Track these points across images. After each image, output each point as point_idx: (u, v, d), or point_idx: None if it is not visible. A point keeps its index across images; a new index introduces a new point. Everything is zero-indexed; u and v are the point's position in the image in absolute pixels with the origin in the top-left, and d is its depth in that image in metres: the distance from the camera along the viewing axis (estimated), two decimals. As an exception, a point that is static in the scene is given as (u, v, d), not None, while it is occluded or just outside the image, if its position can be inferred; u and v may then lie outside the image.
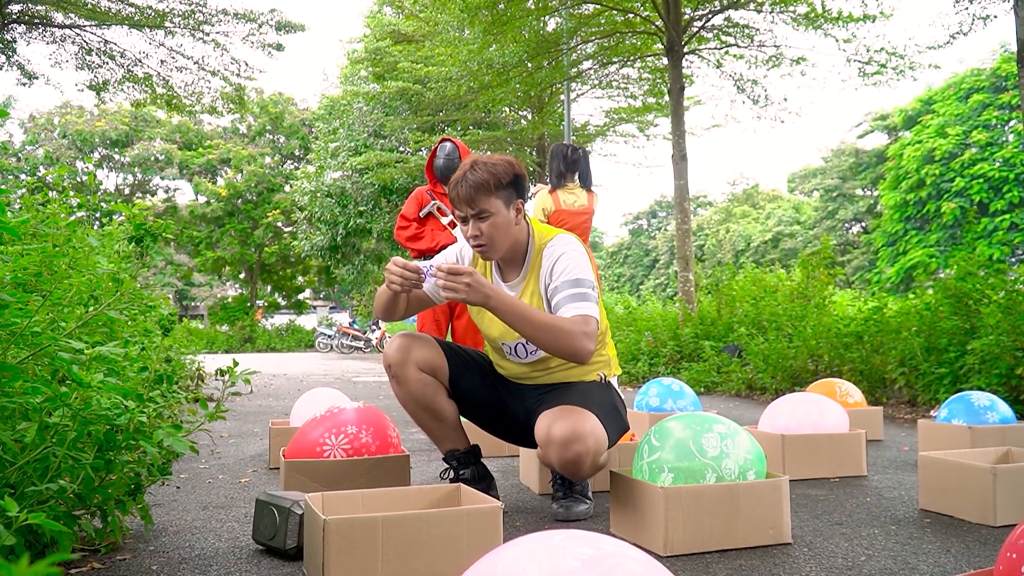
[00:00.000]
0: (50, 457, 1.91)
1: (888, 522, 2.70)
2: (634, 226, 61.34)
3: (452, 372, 2.81)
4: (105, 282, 2.77)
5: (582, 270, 2.60)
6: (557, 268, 2.62)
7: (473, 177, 2.57)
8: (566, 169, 5.52)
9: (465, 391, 2.84)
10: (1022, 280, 5.89)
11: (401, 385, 2.77)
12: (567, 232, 2.77)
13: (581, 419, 2.45)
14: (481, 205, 2.58)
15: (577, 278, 2.58)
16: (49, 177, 20.17)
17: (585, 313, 2.52)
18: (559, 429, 2.43)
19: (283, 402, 7.58)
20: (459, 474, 2.87)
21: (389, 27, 21.31)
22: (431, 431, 2.87)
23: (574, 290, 2.56)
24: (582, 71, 15.46)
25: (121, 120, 31.63)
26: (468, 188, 2.56)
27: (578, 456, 2.43)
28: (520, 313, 2.46)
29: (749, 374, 8.14)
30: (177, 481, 3.51)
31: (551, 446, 2.45)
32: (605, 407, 2.63)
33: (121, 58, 16.03)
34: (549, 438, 2.45)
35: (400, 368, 2.75)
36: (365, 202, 22.05)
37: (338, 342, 25.22)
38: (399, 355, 2.75)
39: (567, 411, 2.49)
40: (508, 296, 2.48)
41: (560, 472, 2.58)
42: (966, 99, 29.84)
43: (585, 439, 2.42)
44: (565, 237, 2.71)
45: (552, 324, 2.47)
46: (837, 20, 11.44)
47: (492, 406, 2.89)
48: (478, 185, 2.56)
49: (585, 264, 2.63)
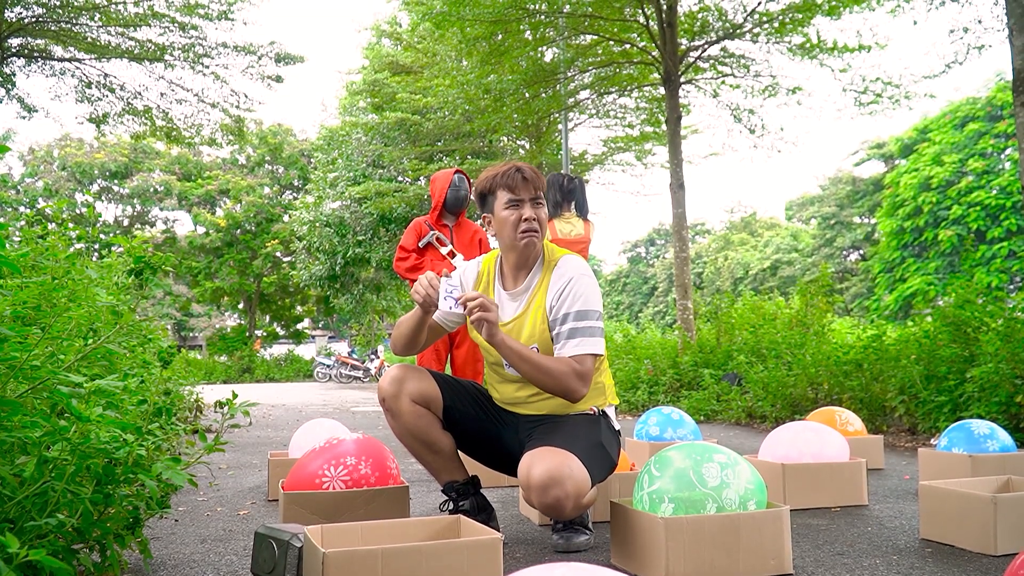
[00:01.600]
0: (49, 491, 1.90)
1: (889, 552, 2.69)
2: (632, 254, 61.46)
3: (446, 403, 2.81)
4: (104, 314, 2.77)
5: (591, 300, 2.64)
6: (567, 294, 2.64)
7: (530, 171, 2.70)
8: (562, 198, 5.55)
9: (459, 422, 2.84)
10: (1020, 308, 5.89)
11: (395, 418, 2.77)
12: (575, 254, 2.79)
13: (561, 462, 2.43)
14: (540, 193, 2.73)
15: (585, 309, 2.61)
16: (48, 209, 20.22)
17: (585, 352, 2.57)
18: (538, 473, 2.42)
19: (282, 433, 7.56)
20: (458, 505, 2.85)
21: (387, 58, 21.45)
22: (428, 463, 2.86)
23: (580, 324, 2.59)
24: (579, 101, 15.56)
25: (120, 152, 31.73)
26: (533, 172, 2.70)
27: (557, 500, 2.43)
28: (518, 351, 2.56)
29: (749, 402, 8.12)
30: (176, 514, 3.49)
31: (531, 490, 2.45)
32: (590, 446, 2.61)
33: (121, 91, 16.14)
34: (529, 482, 2.45)
35: (393, 401, 2.75)
36: (364, 232, 22.09)
37: (337, 372, 25.17)
38: (392, 387, 2.76)
39: (548, 453, 2.47)
40: (509, 338, 2.58)
41: (544, 514, 2.59)
42: (962, 127, 29.99)
43: (563, 483, 2.41)
44: (574, 260, 2.75)
45: (547, 367, 2.55)
46: (832, 50, 11.53)
47: (486, 438, 2.88)
48: (538, 177, 2.71)
49: (594, 293, 2.67)
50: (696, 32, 11.95)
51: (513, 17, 11.82)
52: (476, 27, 11.83)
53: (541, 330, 2.69)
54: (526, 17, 12.08)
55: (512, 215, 2.69)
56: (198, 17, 14.92)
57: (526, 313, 2.73)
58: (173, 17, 14.77)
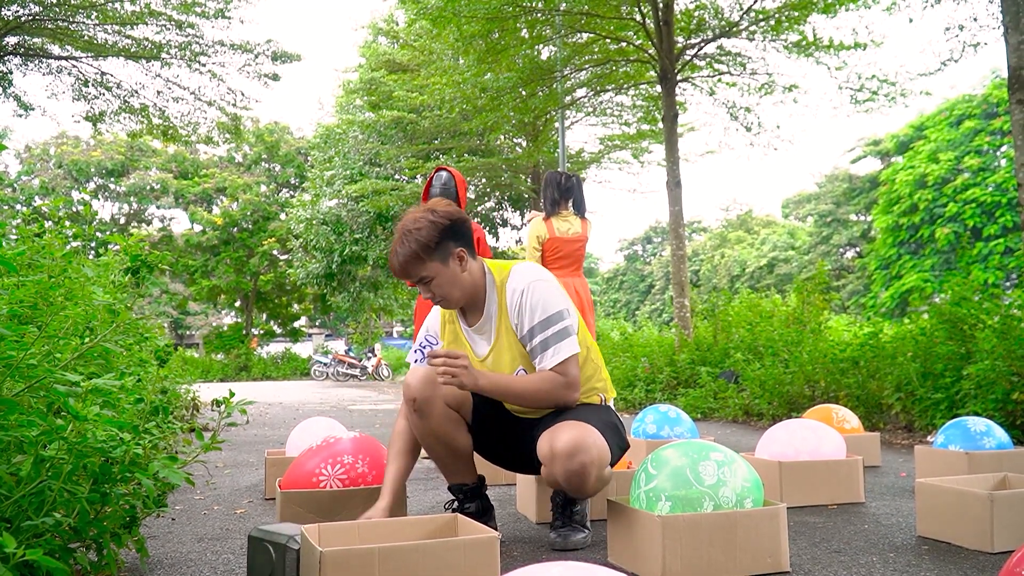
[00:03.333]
0: (46, 490, 1.90)
1: (886, 549, 2.70)
2: (629, 252, 61.47)
3: (475, 404, 2.80)
4: (101, 313, 2.77)
5: (549, 304, 2.62)
6: (523, 309, 2.63)
7: (402, 251, 2.59)
8: (560, 197, 5.55)
9: (483, 423, 2.83)
10: (1017, 304, 5.90)
11: (424, 419, 2.71)
12: (521, 262, 2.76)
13: (583, 431, 2.49)
14: (419, 274, 2.61)
15: (545, 317, 2.60)
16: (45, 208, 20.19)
17: (562, 359, 2.59)
18: (562, 442, 2.47)
19: (279, 431, 7.56)
20: (464, 507, 2.86)
21: (384, 57, 21.43)
22: (444, 464, 2.85)
23: (547, 332, 2.60)
24: (576, 99, 15.56)
25: (117, 150, 31.65)
26: (400, 264, 2.60)
27: (583, 467, 2.46)
28: (505, 388, 2.59)
29: (746, 400, 8.13)
30: (172, 513, 3.49)
31: (556, 460, 2.48)
32: (606, 424, 2.66)
33: (117, 89, 16.12)
34: (553, 452, 2.48)
35: (426, 404, 2.69)
36: (360, 230, 22.08)
37: (334, 370, 25.15)
38: (427, 390, 2.69)
39: (568, 426, 2.53)
40: (494, 376, 2.60)
41: (565, 488, 2.59)
42: (958, 125, 30.02)
43: (589, 450, 2.46)
44: (520, 271, 2.69)
45: (534, 390, 2.60)
46: (828, 48, 11.54)
47: (506, 440, 2.88)
48: (408, 259, 2.59)
49: (551, 295, 2.64)
50: (692, 30, 11.96)
51: (510, 15, 11.82)
52: (472, 25, 11.82)
53: (520, 351, 2.68)
54: (523, 15, 12.08)
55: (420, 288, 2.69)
56: (195, 15, 14.90)
57: (500, 340, 2.71)
58: (170, 15, 14.75)
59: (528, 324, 2.62)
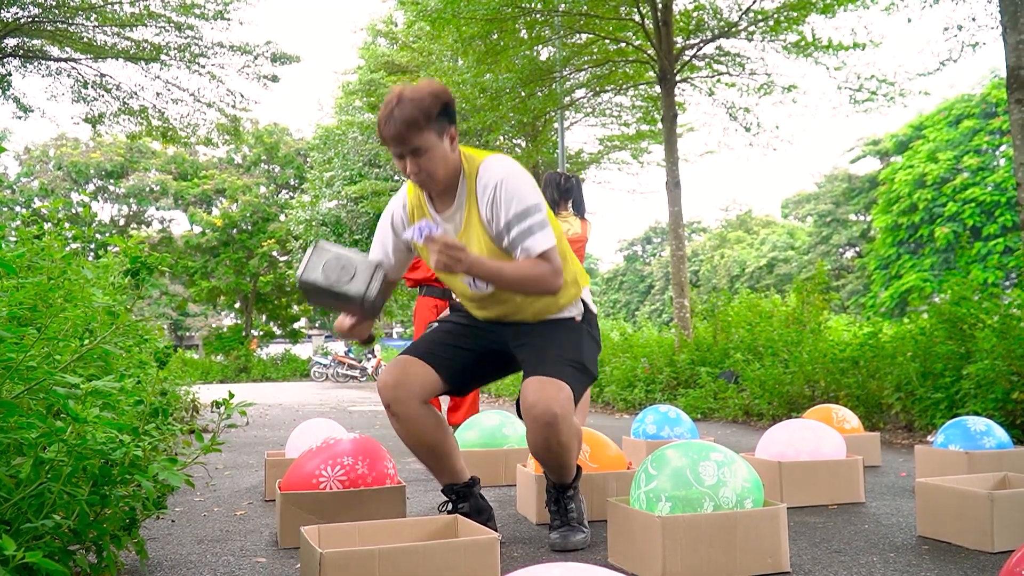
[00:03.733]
0: (45, 493, 1.90)
1: (887, 549, 2.70)
2: (629, 252, 61.49)
3: (445, 375, 2.80)
4: (100, 315, 2.77)
5: (524, 196, 2.58)
6: (498, 202, 2.58)
7: (401, 114, 2.45)
8: (559, 197, 5.55)
9: (459, 372, 2.84)
10: (1016, 304, 5.90)
11: (400, 422, 2.73)
12: (492, 155, 2.71)
13: (548, 404, 2.52)
14: (415, 143, 2.49)
15: (523, 208, 2.57)
16: (44, 209, 20.19)
17: (543, 249, 2.56)
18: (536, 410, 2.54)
19: (278, 433, 7.55)
20: (457, 507, 2.85)
21: (383, 58, 21.45)
22: (430, 466, 2.86)
23: (524, 224, 2.57)
24: (575, 99, 15.55)
25: (116, 151, 31.65)
26: (397, 127, 2.47)
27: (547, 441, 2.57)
28: (497, 273, 2.54)
29: (746, 400, 8.13)
30: (172, 515, 3.49)
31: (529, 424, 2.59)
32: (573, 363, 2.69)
33: (117, 91, 16.12)
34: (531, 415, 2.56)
35: (399, 406, 2.71)
36: (360, 231, 22.09)
37: (334, 371, 25.14)
38: (396, 392, 2.71)
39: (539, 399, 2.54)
40: (482, 260, 2.53)
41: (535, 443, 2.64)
42: (957, 124, 30.06)
43: (557, 425, 2.53)
44: (492, 165, 2.64)
45: (523, 275, 2.56)
46: (827, 48, 11.54)
47: (482, 367, 2.91)
48: (408, 123, 2.46)
49: (525, 187, 2.60)
50: (691, 31, 11.96)
51: (509, 16, 11.82)
52: (472, 26, 11.83)
53: (487, 243, 2.63)
54: (522, 16, 12.09)
55: (400, 164, 2.61)
56: (194, 17, 14.92)
57: (468, 230, 2.65)
58: (169, 17, 14.76)
59: (504, 218, 2.57)
